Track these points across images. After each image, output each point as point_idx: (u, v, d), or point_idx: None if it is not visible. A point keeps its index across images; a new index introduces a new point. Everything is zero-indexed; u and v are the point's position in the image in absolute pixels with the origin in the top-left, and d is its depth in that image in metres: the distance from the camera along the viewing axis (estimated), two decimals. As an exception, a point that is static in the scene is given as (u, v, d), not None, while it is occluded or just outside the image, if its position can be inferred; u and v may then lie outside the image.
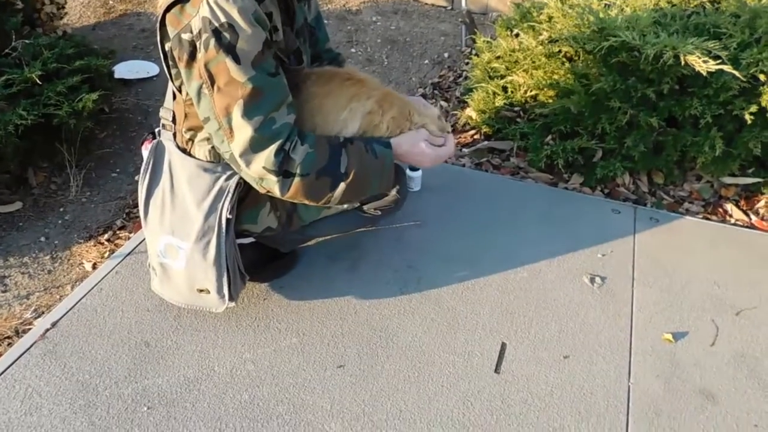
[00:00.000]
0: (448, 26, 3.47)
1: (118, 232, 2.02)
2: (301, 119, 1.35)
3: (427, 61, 3.12)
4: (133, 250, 1.82)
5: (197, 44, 1.18)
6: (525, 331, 1.60)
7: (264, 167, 1.25)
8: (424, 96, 2.77)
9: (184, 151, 1.43)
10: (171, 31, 1.21)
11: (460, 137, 2.44)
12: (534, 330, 1.60)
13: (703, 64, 1.70)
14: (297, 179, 1.27)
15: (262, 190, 1.32)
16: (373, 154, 1.37)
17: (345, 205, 1.59)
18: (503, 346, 1.55)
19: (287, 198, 1.31)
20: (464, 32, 3.17)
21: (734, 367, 1.53)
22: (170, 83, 1.37)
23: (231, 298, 1.45)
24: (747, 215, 2.07)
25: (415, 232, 1.92)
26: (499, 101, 2.33)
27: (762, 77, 1.84)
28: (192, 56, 1.20)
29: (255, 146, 1.23)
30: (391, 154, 1.40)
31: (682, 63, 1.75)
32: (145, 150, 1.51)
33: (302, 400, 1.40)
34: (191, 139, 1.41)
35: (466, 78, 2.82)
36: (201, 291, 1.45)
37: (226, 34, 1.16)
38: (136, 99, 2.80)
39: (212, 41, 1.16)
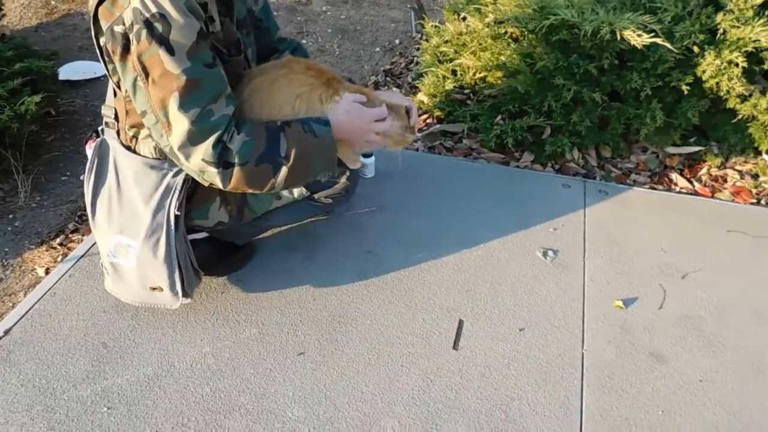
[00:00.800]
0: (398, 13, 3.49)
1: (70, 235, 1.99)
2: (250, 110, 1.34)
3: (378, 49, 3.13)
4: (86, 252, 1.79)
5: (130, 36, 1.16)
6: (481, 308, 1.63)
7: (203, 159, 1.23)
8: (376, 84, 2.79)
9: (128, 148, 1.41)
10: (104, 25, 1.19)
11: (413, 122, 2.46)
12: (490, 306, 1.64)
13: (637, 38, 1.75)
14: (237, 169, 1.25)
15: (204, 183, 1.30)
16: (312, 134, 1.33)
17: (296, 195, 1.60)
18: (460, 323, 1.59)
19: (230, 189, 1.29)
20: (414, 18, 3.19)
21: (681, 328, 1.59)
22: (110, 80, 1.35)
23: (185, 295, 1.45)
24: (691, 183, 2.15)
25: (372, 217, 1.94)
26: (449, 84, 2.35)
27: (696, 49, 1.91)
28: (126, 49, 1.17)
29: (193, 139, 1.21)
30: (330, 132, 1.35)
31: (618, 38, 1.80)
32: (90, 149, 1.49)
33: (264, 389, 1.41)
34: (135, 136, 1.39)
35: (417, 63, 2.85)
36: (154, 289, 1.44)
37: (158, 25, 1.14)
38: (84, 100, 2.74)
39: (144, 32, 1.14)
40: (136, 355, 1.49)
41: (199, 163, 1.23)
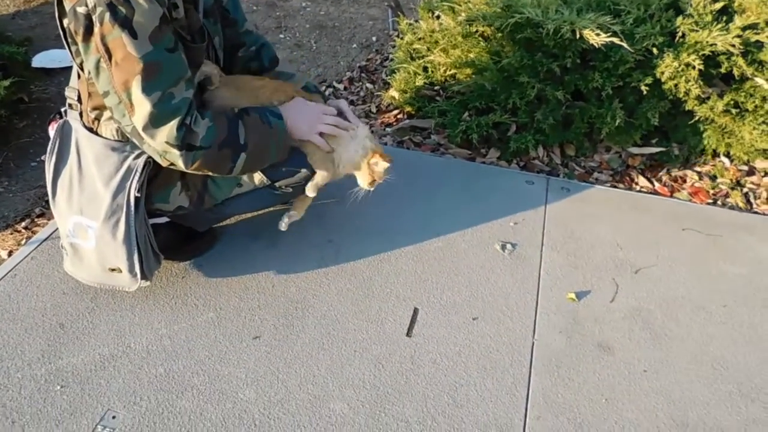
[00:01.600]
0: (376, 11, 3.52)
1: (36, 219, 2.00)
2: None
3: (355, 45, 3.16)
4: (50, 235, 1.80)
5: (93, 18, 1.18)
6: (437, 297, 1.67)
7: (167, 141, 1.27)
8: (351, 79, 2.82)
9: (90, 130, 1.43)
10: (67, 5, 1.21)
11: (383, 117, 2.50)
12: (446, 295, 1.68)
13: (596, 37, 1.79)
14: (200, 152, 1.31)
15: (164, 163, 1.34)
16: (268, 123, 1.42)
17: (257, 183, 1.62)
18: (415, 311, 1.62)
19: (191, 170, 1.34)
20: (391, 15, 3.22)
21: (630, 321, 1.64)
22: (73, 62, 1.37)
23: (144, 277, 1.47)
24: (651, 182, 2.20)
25: (335, 208, 1.97)
26: (420, 81, 2.39)
27: (655, 51, 1.96)
28: (88, 30, 1.20)
29: (155, 121, 1.25)
30: (283, 123, 1.45)
31: (578, 37, 1.85)
32: (52, 130, 1.50)
33: (217, 371, 1.44)
34: (97, 119, 1.41)
35: (391, 60, 2.88)
36: (113, 270, 1.46)
37: (122, 9, 1.16)
38: (57, 88, 2.74)
39: (107, 15, 1.16)
40: (93, 336, 1.50)
41: (163, 144, 1.28)
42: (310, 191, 1.61)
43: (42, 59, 2.87)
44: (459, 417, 1.37)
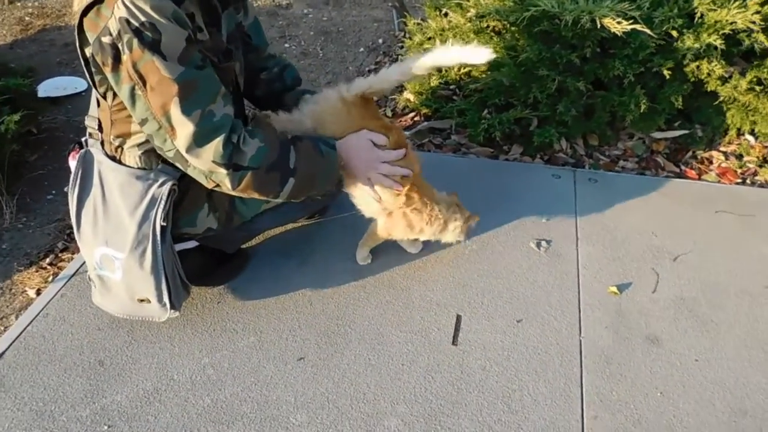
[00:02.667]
0: (380, 12, 3.48)
1: (60, 254, 1.97)
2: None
3: (362, 49, 3.13)
4: (77, 270, 1.77)
5: (119, 46, 1.16)
6: (478, 302, 1.64)
7: (213, 161, 1.25)
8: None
9: (113, 159, 1.41)
10: (90, 36, 1.19)
11: (400, 120, 2.46)
12: (487, 299, 1.64)
13: (617, 26, 1.76)
14: (249, 173, 1.28)
15: (210, 185, 1.32)
16: (319, 152, 1.39)
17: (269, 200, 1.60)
18: (458, 318, 1.59)
19: (237, 192, 1.31)
20: (396, 16, 3.19)
21: (675, 310, 1.61)
22: (94, 90, 1.34)
23: (173, 307, 1.44)
24: (677, 166, 2.17)
25: (363, 218, 1.92)
26: (435, 81, 2.36)
27: (675, 33, 1.92)
28: (117, 59, 1.18)
29: (199, 140, 1.23)
30: (335, 154, 1.42)
31: (599, 26, 1.81)
32: (73, 161, 1.48)
33: (265, 397, 1.41)
34: (120, 146, 1.39)
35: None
36: (141, 300, 1.43)
37: (149, 33, 1.15)
38: (66, 117, 2.71)
39: (135, 41, 1.15)
40: (134, 371, 1.47)
41: (209, 164, 1.25)
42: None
43: (47, 88, 2.84)
44: (515, 424, 1.34)
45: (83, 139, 1.50)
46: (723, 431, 1.32)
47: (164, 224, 1.38)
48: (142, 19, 1.14)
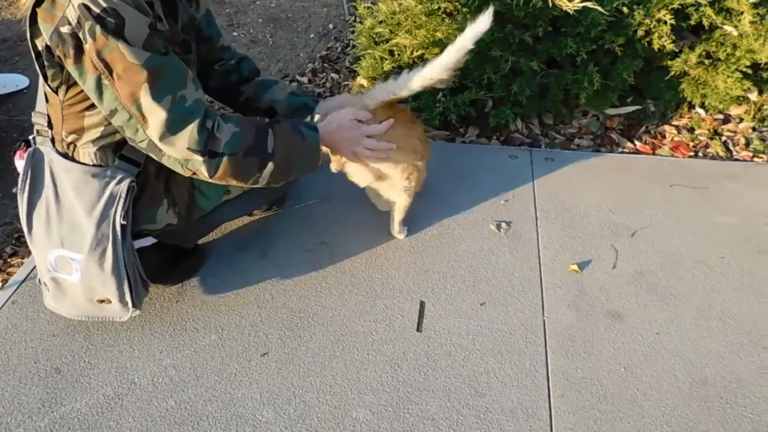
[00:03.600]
0: (329, -4, 3.43)
1: (9, 260, 1.89)
2: None
3: (312, 35, 3.07)
4: (28, 275, 1.71)
5: (80, 35, 1.11)
6: (441, 287, 1.64)
7: (188, 148, 1.21)
8: (314, 71, 2.74)
9: (65, 156, 1.35)
10: (46, 28, 1.13)
11: (356, 107, 2.43)
12: (449, 284, 1.65)
13: (568, 4, 1.76)
14: (225, 158, 1.24)
15: (186, 173, 1.27)
16: (299, 135, 1.36)
17: (246, 186, 1.57)
18: (422, 304, 1.59)
19: (215, 180, 1.28)
20: (345, 0, 3.14)
21: (635, 285, 1.64)
22: (43, 85, 1.29)
23: (135, 305, 1.40)
24: (632, 142, 2.20)
25: (322, 207, 1.91)
26: (388, 65, 2.33)
27: (625, 10, 1.94)
28: (78, 49, 1.12)
29: (172, 127, 1.19)
30: (317, 137, 1.39)
31: (550, 5, 1.81)
32: (20, 160, 1.41)
33: (230, 395, 1.38)
34: (73, 143, 1.33)
35: (353, 47, 2.81)
36: (101, 301, 1.39)
37: (111, 19, 1.10)
38: (8, 116, 2.59)
39: (98, 28, 1.09)
40: (93, 377, 1.43)
41: (184, 151, 1.21)
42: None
43: (-15, 86, 2.71)
44: (484, 407, 1.35)
45: (30, 137, 1.43)
46: (685, 401, 1.35)
47: (124, 223, 1.34)
48: (103, 5, 1.09)
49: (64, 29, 1.11)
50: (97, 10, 1.09)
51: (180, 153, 1.22)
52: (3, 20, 3.35)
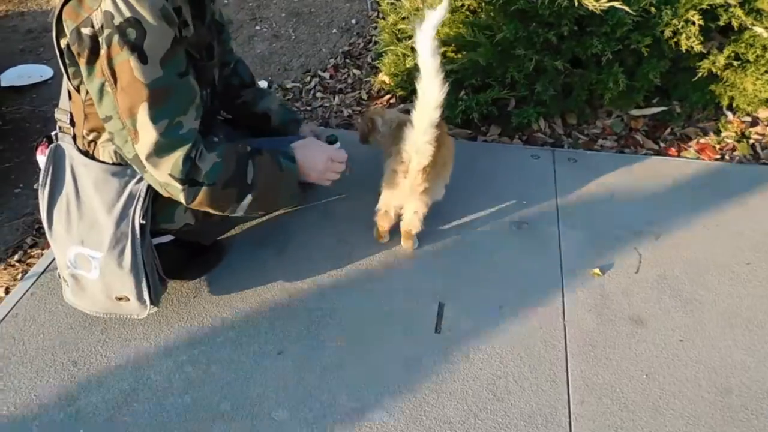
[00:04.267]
0: (352, -8, 3.40)
1: (29, 251, 1.90)
2: None
3: (335, 30, 3.05)
4: (47, 267, 1.71)
5: (99, 39, 1.11)
6: (460, 288, 1.62)
7: (170, 174, 1.22)
8: (335, 66, 2.72)
9: (86, 154, 1.36)
10: (69, 26, 1.13)
11: (376, 103, 2.42)
12: (469, 285, 1.62)
13: (595, 3, 1.73)
14: (203, 188, 1.25)
15: (165, 194, 1.29)
16: (278, 166, 1.37)
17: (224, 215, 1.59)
18: (441, 306, 1.57)
19: (192, 206, 1.29)
20: (368, -4, 3.12)
21: (658, 290, 1.60)
22: (66, 83, 1.29)
23: (153, 303, 1.40)
24: (657, 143, 2.16)
25: (340, 205, 1.90)
26: (410, 62, 2.30)
27: (653, 10, 1.89)
28: (94, 52, 1.13)
29: (160, 151, 1.20)
30: (296, 167, 1.41)
31: (576, 4, 1.78)
32: (42, 156, 1.42)
33: (246, 394, 1.37)
34: (94, 141, 1.34)
35: (375, 43, 2.78)
36: (120, 299, 1.39)
37: (132, 30, 1.10)
38: (31, 106, 2.61)
39: (116, 37, 1.10)
40: (110, 371, 1.43)
41: (166, 176, 1.22)
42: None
43: (10, 77, 2.74)
44: (502, 411, 1.33)
45: (53, 134, 1.44)
46: (708, 411, 1.32)
47: (143, 222, 1.34)
48: (128, 14, 1.08)
49: (86, 30, 1.11)
50: (120, 19, 1.08)
51: (161, 176, 1.23)
52: (29, 11, 3.38)
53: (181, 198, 1.26)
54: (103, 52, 1.12)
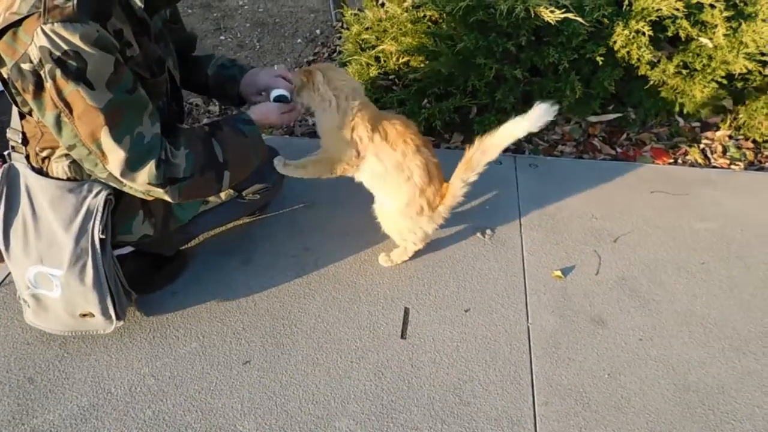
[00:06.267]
0: (316, 2, 3.42)
1: (-18, 266, 1.83)
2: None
3: (299, 40, 3.06)
4: (1, 282, 1.66)
5: (41, 73, 1.09)
6: (425, 293, 1.63)
7: (149, 183, 1.22)
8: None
9: (40, 171, 1.33)
10: (7, 60, 1.11)
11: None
12: (434, 290, 1.64)
13: (550, 14, 1.78)
14: (186, 182, 1.27)
15: (150, 198, 1.32)
16: (242, 134, 1.38)
17: (223, 197, 1.56)
18: (406, 311, 1.58)
19: (180, 201, 1.31)
20: (332, 7, 3.13)
21: (618, 291, 1.64)
22: (16, 106, 1.26)
23: (118, 317, 1.38)
24: (614, 149, 2.22)
25: (306, 213, 1.89)
26: (374, 71, 2.32)
27: (605, 21, 1.96)
28: (38, 86, 1.12)
29: (132, 165, 1.20)
30: (257, 129, 1.42)
31: (533, 15, 1.83)
32: None
33: (210, 405, 1.35)
34: (47, 157, 1.31)
35: (340, 53, 2.80)
36: (84, 315, 1.36)
37: (72, 62, 1.08)
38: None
39: (58, 72, 1.08)
40: (68, 387, 1.39)
41: (145, 185, 1.23)
42: None
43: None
44: (468, 415, 1.34)
45: (5, 153, 1.40)
46: (668, 407, 1.36)
47: (103, 236, 1.32)
48: (65, 48, 1.07)
49: (26, 66, 1.09)
50: (57, 53, 1.07)
51: (141, 186, 1.24)
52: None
53: (167, 198, 1.27)
54: (48, 85, 1.10)
